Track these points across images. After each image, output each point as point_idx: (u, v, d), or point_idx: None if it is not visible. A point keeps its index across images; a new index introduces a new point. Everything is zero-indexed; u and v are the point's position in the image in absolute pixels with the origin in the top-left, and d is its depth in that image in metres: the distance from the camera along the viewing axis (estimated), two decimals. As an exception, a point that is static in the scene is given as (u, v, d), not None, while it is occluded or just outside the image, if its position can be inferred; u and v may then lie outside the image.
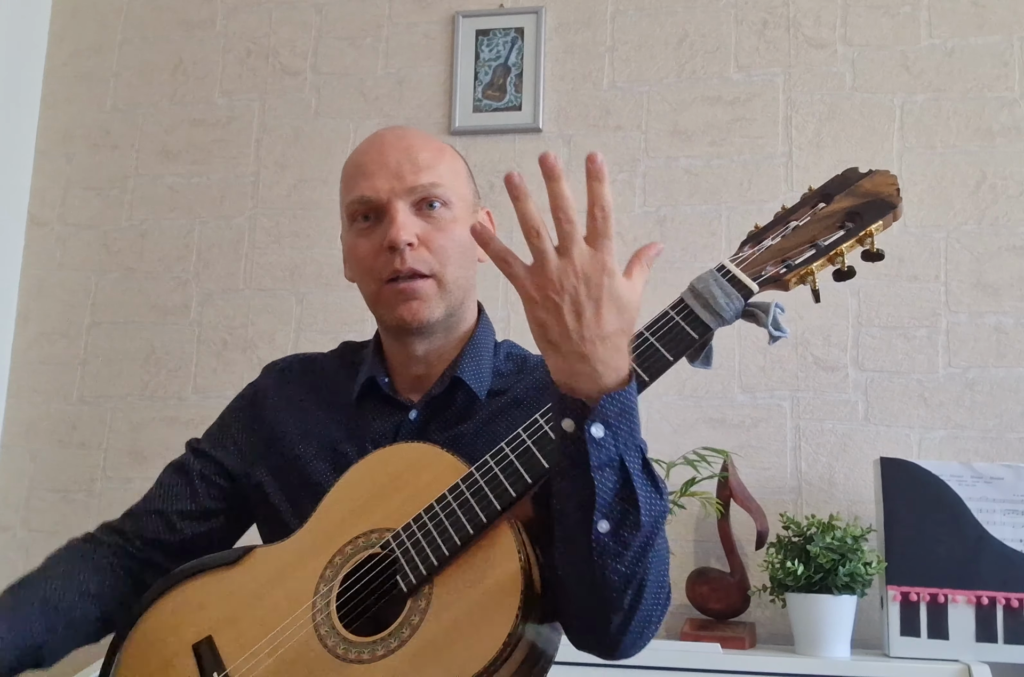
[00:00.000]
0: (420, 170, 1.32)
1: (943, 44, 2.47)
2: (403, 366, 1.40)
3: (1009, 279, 2.35)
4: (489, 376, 1.39)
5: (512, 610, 1.08)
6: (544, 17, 2.66)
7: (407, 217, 1.31)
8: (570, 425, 1.02)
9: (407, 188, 1.31)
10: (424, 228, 1.32)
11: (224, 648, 1.25)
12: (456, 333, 1.39)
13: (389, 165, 1.32)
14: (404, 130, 1.40)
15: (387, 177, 1.31)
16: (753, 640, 2.18)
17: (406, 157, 1.33)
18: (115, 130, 2.87)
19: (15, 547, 2.67)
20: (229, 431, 1.49)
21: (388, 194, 1.31)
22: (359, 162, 1.35)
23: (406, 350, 1.38)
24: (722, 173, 2.52)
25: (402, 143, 1.35)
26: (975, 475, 2.12)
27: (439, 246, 1.32)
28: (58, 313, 2.79)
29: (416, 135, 1.38)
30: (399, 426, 1.37)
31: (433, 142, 1.39)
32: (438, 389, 1.36)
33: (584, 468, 1.02)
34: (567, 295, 0.99)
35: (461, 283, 1.36)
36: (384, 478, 1.24)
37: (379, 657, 1.14)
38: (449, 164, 1.37)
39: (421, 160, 1.33)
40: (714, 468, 2.23)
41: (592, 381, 1.01)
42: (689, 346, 1.11)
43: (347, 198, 1.35)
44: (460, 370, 1.35)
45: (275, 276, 2.69)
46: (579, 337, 1.00)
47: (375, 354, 1.42)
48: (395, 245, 1.29)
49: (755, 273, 1.12)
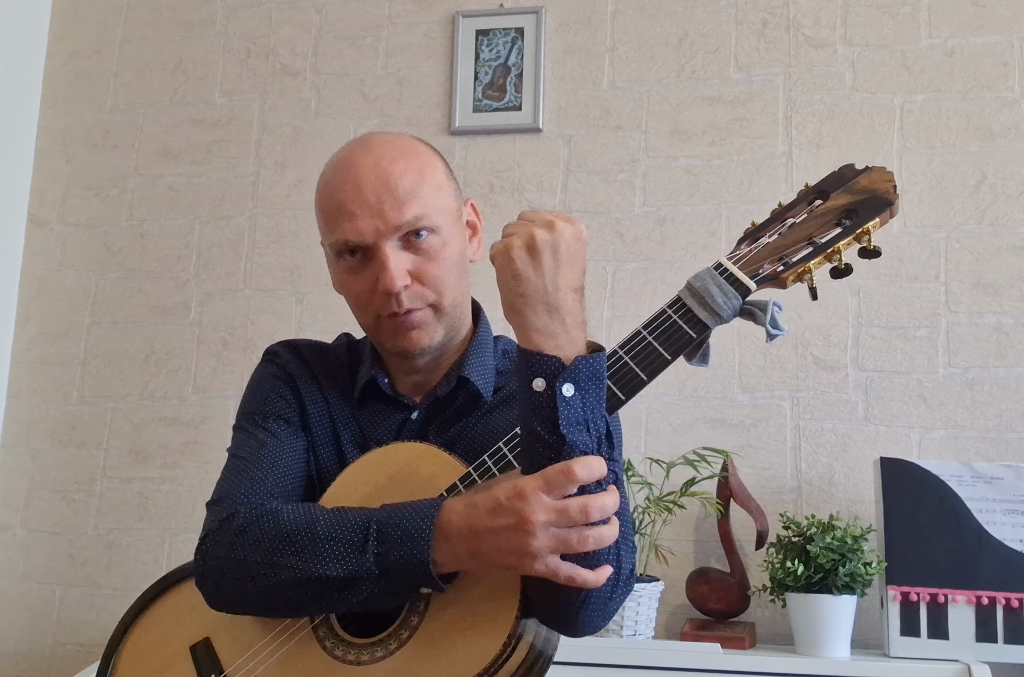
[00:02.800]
0: (403, 204, 1.26)
1: (943, 44, 2.47)
2: (402, 373, 1.40)
3: (1009, 279, 2.34)
4: (493, 375, 1.39)
5: (512, 610, 1.08)
6: (544, 17, 2.66)
7: (397, 258, 1.27)
8: (540, 384, 1.04)
9: (393, 227, 1.26)
10: (415, 261, 1.28)
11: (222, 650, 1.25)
12: (456, 340, 1.39)
13: (369, 203, 1.26)
14: (377, 152, 1.31)
15: (370, 217, 1.26)
16: (753, 640, 2.18)
17: (386, 191, 1.26)
18: (115, 130, 2.87)
19: (15, 547, 2.67)
20: (281, 392, 1.41)
21: (374, 237, 1.26)
22: (337, 201, 1.29)
23: (406, 363, 1.37)
24: (722, 173, 2.52)
25: (379, 174, 1.27)
26: (975, 475, 2.11)
27: (432, 276, 1.29)
28: (58, 313, 2.79)
29: (391, 158, 1.30)
30: (401, 425, 1.37)
31: (409, 159, 1.31)
32: (444, 389, 1.35)
33: (553, 426, 1.03)
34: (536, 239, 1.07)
35: (458, 301, 1.35)
36: (381, 477, 1.24)
37: (378, 659, 1.14)
38: (429, 181, 1.31)
39: (402, 191, 1.27)
40: (714, 468, 2.23)
41: (563, 334, 1.06)
42: (687, 345, 1.11)
43: (330, 237, 1.31)
44: (467, 369, 1.35)
45: (275, 276, 2.69)
46: (553, 285, 1.06)
47: (373, 355, 1.41)
48: (389, 293, 1.26)
49: (753, 271, 1.12)
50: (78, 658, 2.56)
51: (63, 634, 2.60)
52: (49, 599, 2.62)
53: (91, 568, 2.62)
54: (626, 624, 2.10)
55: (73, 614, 2.60)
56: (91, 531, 2.64)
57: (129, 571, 2.59)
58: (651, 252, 2.50)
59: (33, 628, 2.62)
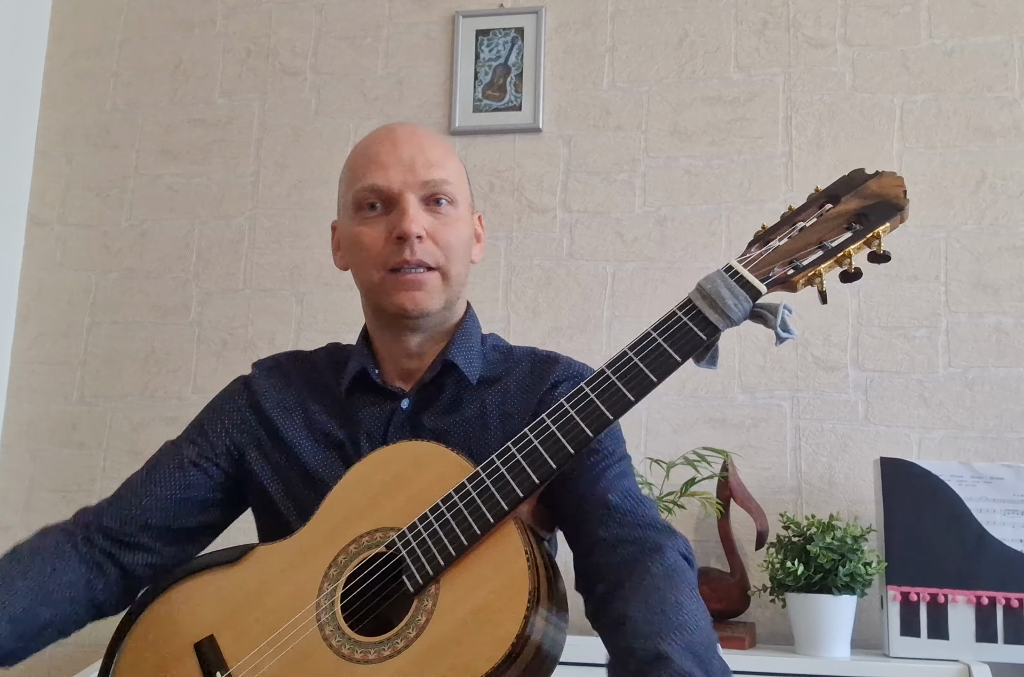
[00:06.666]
0: (432, 166, 1.35)
1: (943, 44, 2.48)
2: (393, 359, 1.41)
3: (1009, 279, 2.35)
4: (479, 361, 1.41)
5: (520, 610, 1.08)
6: (544, 17, 2.66)
7: (417, 210, 1.33)
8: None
9: (420, 182, 1.33)
10: (432, 223, 1.34)
11: (227, 647, 1.24)
12: (446, 326, 1.41)
13: (403, 157, 1.34)
14: (414, 126, 1.42)
15: (400, 169, 1.33)
16: (753, 640, 2.18)
17: (419, 151, 1.35)
18: (115, 130, 2.87)
19: (15, 547, 2.66)
20: (220, 417, 1.49)
21: (400, 186, 1.33)
22: (371, 151, 1.37)
23: (398, 343, 1.39)
24: (722, 173, 2.52)
25: (415, 138, 1.37)
26: (975, 475, 2.12)
27: (446, 241, 1.35)
28: (58, 313, 2.79)
29: (426, 133, 1.41)
30: (391, 415, 1.38)
31: (442, 141, 1.42)
32: (430, 374, 1.38)
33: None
34: None
35: (461, 279, 1.39)
36: (387, 476, 1.24)
37: (385, 657, 1.13)
38: (456, 165, 1.41)
39: (433, 156, 1.36)
40: (714, 468, 2.23)
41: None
42: (697, 347, 1.11)
43: (356, 185, 1.36)
44: (452, 354, 1.38)
45: (275, 276, 2.69)
46: None
47: (364, 347, 1.43)
48: (406, 236, 1.31)
49: (763, 274, 1.12)
50: (78, 658, 2.56)
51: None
52: (49, 599, 2.62)
53: (91, 568, 2.61)
54: (627, 624, 2.10)
55: (73, 614, 2.59)
56: (91, 531, 2.63)
57: (129, 571, 2.59)
58: (651, 252, 2.51)
59: (33, 628, 2.61)
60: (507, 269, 2.52)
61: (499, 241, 2.55)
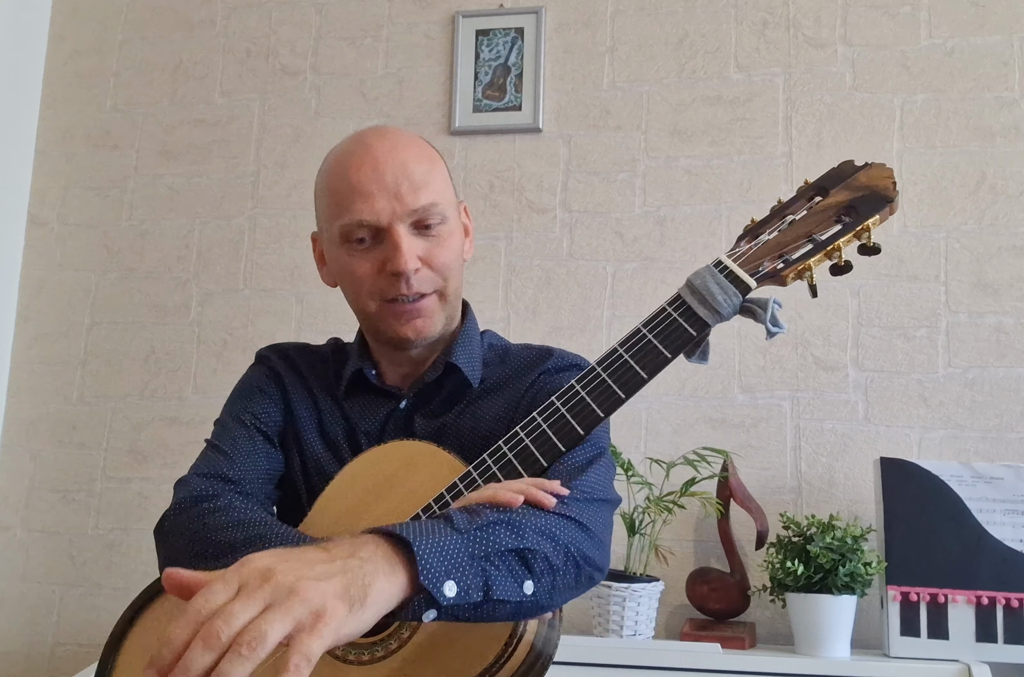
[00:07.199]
0: (419, 189, 1.28)
1: (943, 44, 2.47)
2: (392, 363, 1.41)
3: (1009, 279, 2.34)
4: (480, 364, 1.41)
5: (511, 609, 1.07)
6: (544, 17, 2.66)
7: (409, 241, 1.28)
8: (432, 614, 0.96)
9: (408, 211, 1.28)
10: (424, 247, 1.30)
11: (223, 648, 1.24)
12: (447, 331, 1.40)
13: (387, 184, 1.28)
14: (392, 139, 1.34)
15: (386, 198, 1.27)
16: (753, 640, 2.17)
17: (403, 175, 1.28)
18: (115, 130, 2.87)
19: (15, 547, 2.67)
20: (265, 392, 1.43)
21: (389, 218, 1.28)
22: (353, 179, 1.29)
23: (398, 355, 1.39)
24: (722, 173, 2.51)
25: (396, 157, 1.30)
26: (975, 475, 2.11)
27: (441, 263, 1.31)
28: (58, 313, 2.79)
29: (405, 144, 1.33)
30: (389, 415, 1.38)
31: (422, 148, 1.35)
32: (432, 375, 1.37)
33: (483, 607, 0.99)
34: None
35: (458, 291, 1.38)
36: (380, 476, 1.24)
37: (378, 658, 1.13)
38: (439, 173, 1.35)
39: (418, 177, 1.29)
40: (714, 468, 2.23)
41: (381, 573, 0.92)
42: (687, 343, 1.11)
43: (342, 219, 1.30)
44: (455, 356, 1.37)
45: (275, 276, 2.69)
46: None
47: (361, 348, 1.43)
48: (401, 273, 1.27)
49: (752, 269, 1.11)
50: (78, 658, 2.56)
51: (63, 634, 2.60)
52: (49, 599, 2.62)
53: (91, 568, 2.61)
54: (626, 624, 2.10)
55: (73, 614, 2.60)
56: (91, 531, 2.63)
57: (129, 571, 2.59)
58: (651, 252, 2.50)
59: (33, 628, 2.61)
60: (507, 269, 2.51)
61: (499, 241, 2.54)
